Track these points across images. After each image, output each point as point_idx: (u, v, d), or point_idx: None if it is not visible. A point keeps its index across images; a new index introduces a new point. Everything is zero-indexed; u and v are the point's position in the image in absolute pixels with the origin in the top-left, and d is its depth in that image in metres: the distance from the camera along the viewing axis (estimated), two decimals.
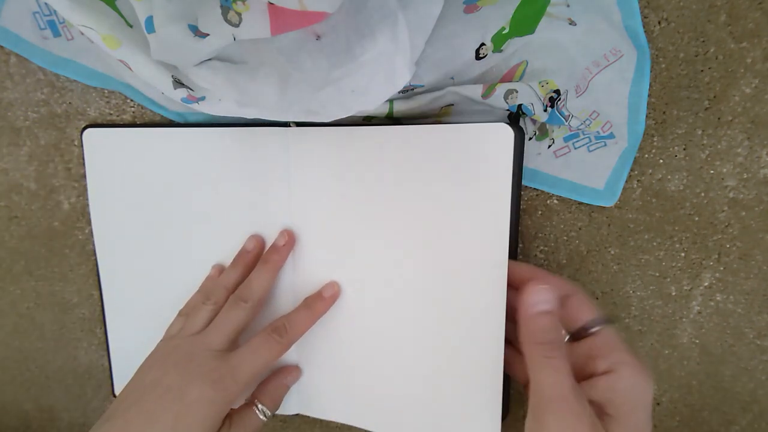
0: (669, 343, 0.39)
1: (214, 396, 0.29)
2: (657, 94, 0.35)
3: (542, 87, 0.32)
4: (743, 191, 0.36)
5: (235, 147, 0.36)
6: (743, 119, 0.34)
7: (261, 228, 0.37)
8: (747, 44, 0.33)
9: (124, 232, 0.38)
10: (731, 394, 0.40)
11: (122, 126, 0.37)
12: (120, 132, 0.36)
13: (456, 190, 0.34)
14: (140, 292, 0.39)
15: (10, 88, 0.37)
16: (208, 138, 0.36)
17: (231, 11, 0.25)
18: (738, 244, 0.37)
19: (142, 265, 0.38)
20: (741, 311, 0.38)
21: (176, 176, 0.37)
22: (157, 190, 0.37)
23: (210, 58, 0.29)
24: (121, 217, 0.37)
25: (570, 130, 0.35)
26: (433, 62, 0.32)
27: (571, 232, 0.38)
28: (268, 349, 0.32)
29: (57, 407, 0.44)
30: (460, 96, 0.33)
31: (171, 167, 0.37)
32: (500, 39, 0.32)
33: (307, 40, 0.30)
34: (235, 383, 0.30)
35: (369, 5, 0.28)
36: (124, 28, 0.29)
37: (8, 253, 0.40)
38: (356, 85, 0.31)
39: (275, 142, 0.35)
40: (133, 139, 0.36)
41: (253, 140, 0.36)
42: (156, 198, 0.37)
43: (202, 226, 0.37)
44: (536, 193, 0.37)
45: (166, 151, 0.36)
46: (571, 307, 0.26)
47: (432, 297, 0.35)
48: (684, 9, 0.33)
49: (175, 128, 0.36)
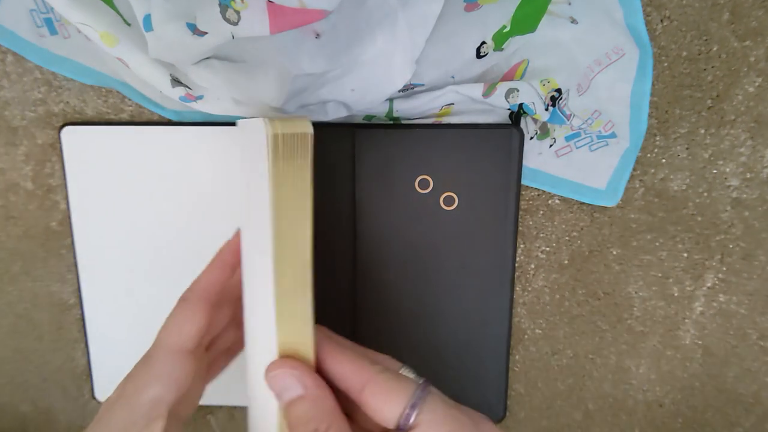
0: (672, 344, 0.39)
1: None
2: (659, 93, 0.34)
3: (543, 86, 0.32)
4: (746, 191, 0.35)
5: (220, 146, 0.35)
6: (746, 118, 0.34)
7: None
8: (750, 43, 0.33)
9: (105, 233, 0.37)
10: (734, 396, 0.40)
11: (101, 124, 0.36)
12: (99, 130, 0.36)
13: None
14: (122, 296, 0.38)
15: (6, 87, 0.36)
16: (191, 137, 0.35)
17: (230, 9, 0.25)
18: (741, 245, 0.36)
19: (124, 268, 0.38)
20: (744, 312, 0.38)
21: (158, 176, 0.36)
22: (138, 191, 0.36)
23: (208, 57, 0.28)
24: (101, 219, 0.37)
25: (571, 130, 0.35)
26: (433, 61, 0.32)
27: (573, 233, 0.37)
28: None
29: (54, 408, 0.44)
30: (460, 95, 0.32)
31: (152, 167, 0.36)
32: (501, 37, 0.32)
33: (307, 39, 0.29)
34: None
35: (369, 3, 0.28)
36: (122, 25, 0.28)
37: (5, 253, 0.40)
38: (356, 83, 0.31)
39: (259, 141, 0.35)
40: (113, 137, 0.36)
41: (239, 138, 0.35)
42: (137, 199, 0.36)
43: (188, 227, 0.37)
44: (538, 193, 0.37)
45: (147, 150, 0.35)
46: (369, 402, 0.20)
47: None
48: (687, 7, 0.33)
49: (156, 126, 0.36)
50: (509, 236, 0.35)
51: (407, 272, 0.36)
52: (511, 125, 0.33)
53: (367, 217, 0.35)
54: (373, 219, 0.35)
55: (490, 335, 0.36)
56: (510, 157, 0.33)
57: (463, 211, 0.35)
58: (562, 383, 0.40)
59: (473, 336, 0.36)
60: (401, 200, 0.35)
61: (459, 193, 0.34)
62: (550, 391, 0.40)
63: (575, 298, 0.39)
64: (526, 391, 0.41)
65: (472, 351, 0.36)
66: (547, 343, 0.39)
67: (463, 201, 0.34)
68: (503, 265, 0.35)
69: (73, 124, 0.36)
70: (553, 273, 0.38)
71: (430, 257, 0.36)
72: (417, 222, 0.35)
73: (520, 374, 0.40)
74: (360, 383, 0.20)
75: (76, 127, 0.36)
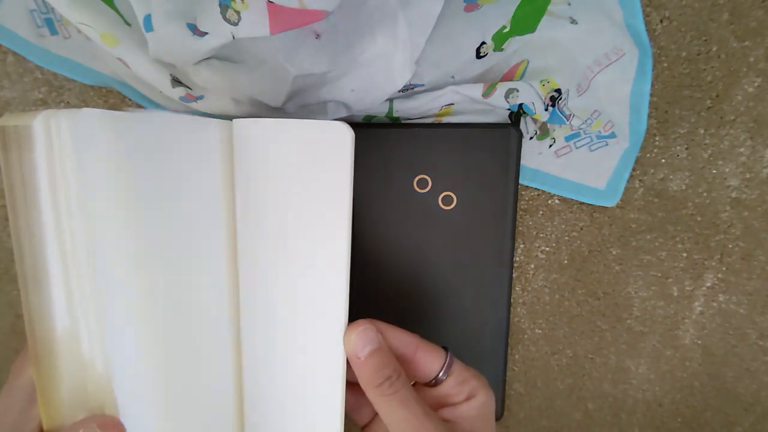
0: (671, 344, 0.39)
1: None
2: (659, 93, 0.34)
3: (543, 86, 0.32)
4: (746, 191, 0.35)
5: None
6: (746, 118, 0.34)
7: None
8: (750, 43, 0.33)
9: None
10: (734, 396, 0.40)
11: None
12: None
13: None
14: None
15: (7, 87, 0.36)
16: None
17: (230, 10, 0.25)
18: (740, 245, 0.36)
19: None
20: (744, 312, 0.38)
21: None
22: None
23: (209, 57, 0.28)
24: None
25: (571, 130, 0.35)
26: (433, 61, 0.32)
27: (572, 233, 0.38)
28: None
29: None
30: (460, 95, 0.32)
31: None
32: (501, 38, 0.32)
33: (307, 39, 0.29)
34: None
35: (369, 4, 0.28)
36: (123, 26, 0.28)
37: (6, 253, 0.40)
38: (356, 84, 0.31)
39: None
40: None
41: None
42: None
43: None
44: (537, 193, 0.37)
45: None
46: (419, 360, 0.26)
47: None
48: (686, 7, 0.33)
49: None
50: (507, 236, 0.35)
51: (405, 271, 0.36)
52: (509, 125, 0.33)
53: (365, 216, 0.35)
54: (372, 218, 0.35)
55: (488, 334, 0.36)
56: (508, 157, 0.33)
57: (462, 210, 0.35)
58: (562, 383, 0.40)
59: (471, 335, 0.36)
60: (400, 200, 0.35)
61: (457, 193, 0.34)
62: (549, 391, 0.40)
63: (575, 298, 0.39)
64: (525, 391, 0.41)
65: (470, 350, 0.36)
66: (547, 342, 0.40)
67: (461, 201, 0.35)
68: (501, 264, 0.35)
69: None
70: (553, 273, 0.38)
71: (428, 256, 0.36)
72: (415, 221, 0.35)
73: (520, 374, 0.40)
74: (414, 346, 0.26)
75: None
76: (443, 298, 0.36)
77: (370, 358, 0.25)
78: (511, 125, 0.33)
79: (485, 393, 0.26)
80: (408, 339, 0.26)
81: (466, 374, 0.26)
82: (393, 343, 0.26)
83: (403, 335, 0.26)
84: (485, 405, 0.26)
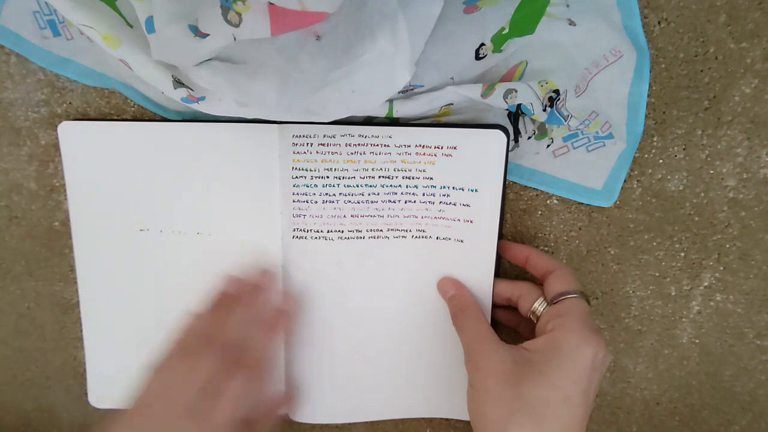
0: (669, 343, 0.39)
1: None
2: (657, 95, 0.35)
3: (542, 87, 0.32)
4: (743, 191, 0.36)
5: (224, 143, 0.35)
6: (743, 119, 0.34)
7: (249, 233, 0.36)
8: (747, 44, 0.33)
9: (105, 233, 0.37)
10: (731, 394, 0.40)
11: (99, 120, 0.36)
12: (98, 126, 0.35)
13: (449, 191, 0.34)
14: (120, 299, 0.38)
15: (10, 88, 0.37)
16: (193, 133, 0.35)
17: (231, 11, 0.25)
18: (738, 244, 0.37)
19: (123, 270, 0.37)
20: (741, 311, 0.38)
21: (158, 174, 0.36)
22: (138, 189, 0.36)
23: (210, 59, 0.29)
24: (101, 218, 0.36)
25: (569, 130, 0.35)
26: (433, 62, 0.32)
27: (571, 232, 0.38)
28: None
29: (57, 408, 0.44)
30: (459, 96, 0.33)
31: (153, 164, 0.35)
32: (500, 39, 0.32)
33: (307, 41, 0.30)
34: None
35: (369, 5, 0.28)
36: (124, 27, 0.29)
37: (8, 253, 0.40)
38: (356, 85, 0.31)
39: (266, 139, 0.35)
40: (112, 133, 0.35)
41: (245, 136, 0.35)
42: (137, 197, 0.36)
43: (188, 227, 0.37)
44: (536, 193, 0.37)
45: (148, 146, 0.35)
46: (551, 280, 0.32)
47: (419, 287, 0.37)
48: (684, 9, 0.33)
49: (156, 123, 0.35)
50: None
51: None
52: (497, 126, 0.33)
53: None
54: None
55: None
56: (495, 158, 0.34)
57: None
58: None
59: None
60: None
61: None
62: None
63: None
64: None
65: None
66: None
67: None
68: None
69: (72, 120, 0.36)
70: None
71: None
72: None
73: None
74: (555, 266, 0.33)
75: (74, 123, 0.35)
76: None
77: (453, 299, 0.35)
78: (499, 126, 0.33)
79: (567, 336, 0.30)
80: (553, 263, 0.34)
81: (570, 311, 0.31)
82: (540, 263, 0.34)
83: (549, 261, 0.34)
84: (567, 344, 0.30)
